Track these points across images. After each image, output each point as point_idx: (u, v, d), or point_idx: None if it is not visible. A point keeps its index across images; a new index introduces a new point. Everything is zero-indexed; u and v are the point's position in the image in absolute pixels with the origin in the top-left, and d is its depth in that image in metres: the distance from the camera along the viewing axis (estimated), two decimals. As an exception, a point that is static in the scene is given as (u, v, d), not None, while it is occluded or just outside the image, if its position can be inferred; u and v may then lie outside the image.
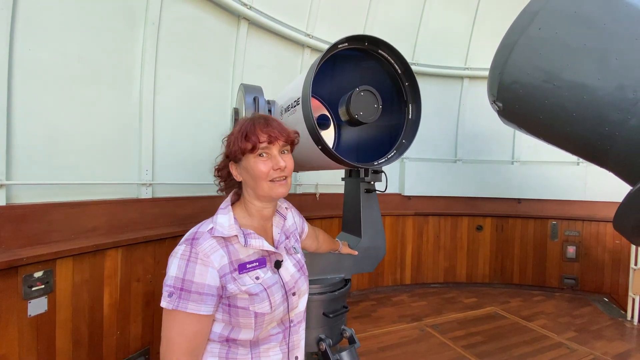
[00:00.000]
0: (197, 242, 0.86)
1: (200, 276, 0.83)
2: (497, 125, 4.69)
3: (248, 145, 0.91)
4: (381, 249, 1.80)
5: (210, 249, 0.86)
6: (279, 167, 0.91)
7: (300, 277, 1.04)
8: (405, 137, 1.54)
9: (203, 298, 0.83)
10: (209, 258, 0.84)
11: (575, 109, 1.72)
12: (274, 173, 0.92)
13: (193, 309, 0.82)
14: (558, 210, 4.82)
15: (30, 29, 2.07)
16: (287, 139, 0.95)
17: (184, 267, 0.83)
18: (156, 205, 2.82)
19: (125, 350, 2.42)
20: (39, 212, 2.09)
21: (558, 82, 1.76)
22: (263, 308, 0.89)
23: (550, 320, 3.78)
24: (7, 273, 1.76)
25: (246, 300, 0.87)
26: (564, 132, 1.87)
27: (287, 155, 0.97)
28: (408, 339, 3.26)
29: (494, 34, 4.23)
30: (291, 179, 0.98)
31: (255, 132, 0.92)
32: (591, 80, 1.64)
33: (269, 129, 0.92)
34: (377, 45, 1.43)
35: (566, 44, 1.75)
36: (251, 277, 0.90)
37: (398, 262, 4.73)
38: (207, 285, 0.83)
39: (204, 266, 0.83)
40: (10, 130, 1.99)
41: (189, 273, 0.82)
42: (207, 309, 0.84)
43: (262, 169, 0.91)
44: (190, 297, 0.82)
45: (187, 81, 3.10)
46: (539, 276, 4.76)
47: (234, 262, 0.88)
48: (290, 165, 0.96)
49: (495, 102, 2.14)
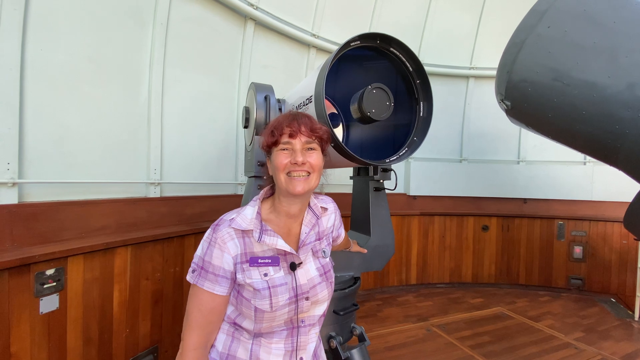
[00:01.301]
0: (218, 229, 0.93)
1: (217, 259, 0.90)
2: (502, 124, 4.72)
3: (272, 139, 0.94)
4: (390, 247, 1.80)
5: (227, 237, 0.91)
6: (296, 161, 0.91)
7: (320, 283, 1.01)
8: (416, 135, 1.54)
9: (218, 279, 0.90)
10: (225, 244, 0.91)
11: (585, 107, 1.71)
12: (292, 167, 0.92)
13: (209, 287, 0.90)
14: (564, 210, 4.79)
15: (42, 31, 2.10)
16: (310, 134, 0.94)
17: (205, 248, 0.92)
18: (164, 205, 2.84)
19: (134, 348, 2.43)
20: (50, 210, 2.11)
21: (567, 80, 1.75)
22: (263, 305, 0.90)
23: (557, 320, 3.76)
24: (20, 270, 1.78)
25: (250, 293, 0.91)
26: (573, 130, 1.86)
27: (313, 153, 0.95)
28: (415, 339, 3.26)
29: (500, 33, 4.25)
30: (317, 178, 0.95)
31: (280, 127, 0.94)
32: (601, 79, 1.63)
33: (292, 124, 0.94)
34: (389, 43, 1.43)
35: (575, 42, 1.75)
36: (260, 272, 0.92)
37: (403, 262, 4.72)
38: (222, 268, 0.90)
39: (221, 251, 0.90)
40: (22, 129, 2.02)
41: (207, 255, 0.91)
42: (220, 289, 0.91)
43: (281, 160, 0.92)
44: (207, 277, 0.90)
45: (194, 81, 3.12)
46: (546, 276, 4.73)
47: (247, 253, 0.92)
48: (314, 162, 0.94)
49: (503, 101, 2.14)
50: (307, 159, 0.93)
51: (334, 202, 1.17)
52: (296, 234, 1.02)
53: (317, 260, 1.04)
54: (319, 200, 1.11)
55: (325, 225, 1.10)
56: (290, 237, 1.00)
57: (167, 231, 2.65)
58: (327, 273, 1.05)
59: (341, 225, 1.24)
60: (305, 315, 0.98)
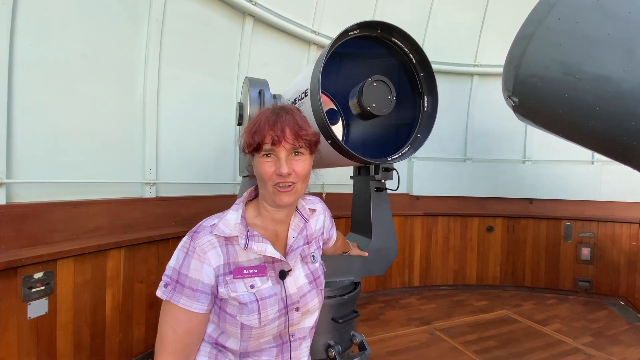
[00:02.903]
0: (197, 236, 0.82)
1: (195, 272, 0.79)
2: (508, 123, 4.62)
3: (253, 143, 0.83)
4: (392, 251, 1.72)
5: (208, 246, 0.81)
6: (281, 172, 0.80)
7: (309, 292, 0.93)
8: (420, 132, 1.45)
9: (196, 295, 0.79)
10: (205, 254, 0.80)
11: (598, 103, 1.63)
12: (277, 178, 0.82)
13: (185, 304, 0.79)
14: (572, 211, 4.68)
15: (32, 25, 2.03)
16: (295, 140, 0.82)
17: (181, 259, 0.80)
18: (160, 205, 2.77)
19: (128, 353, 2.36)
20: (40, 211, 2.04)
21: (579, 74, 1.66)
22: (251, 321, 0.81)
23: (564, 324, 3.65)
24: (6, 274, 1.72)
25: (235, 308, 0.81)
26: (585, 127, 1.77)
27: (299, 159, 0.84)
28: (417, 343, 3.16)
29: (505, 29, 4.14)
30: (303, 186, 0.87)
31: (262, 131, 0.82)
32: (616, 72, 1.55)
33: (275, 129, 0.81)
34: (390, 33, 1.35)
35: (588, 34, 1.66)
36: (246, 284, 0.82)
37: (406, 264, 4.62)
38: (202, 282, 0.79)
39: (200, 262, 0.79)
40: (10, 128, 1.95)
41: (184, 266, 0.80)
42: (199, 306, 0.80)
43: (266, 170, 0.82)
44: (184, 292, 0.79)
45: (191, 79, 3.05)
46: (552, 279, 4.62)
47: (230, 264, 0.82)
48: (301, 171, 0.84)
49: (510, 98, 2.05)
50: (293, 167, 0.83)
51: (322, 202, 1.09)
52: (284, 239, 0.93)
53: (306, 266, 0.95)
54: (307, 202, 1.02)
55: (314, 227, 1.02)
56: (278, 242, 0.91)
57: (162, 232, 2.58)
58: (317, 280, 0.96)
59: (332, 227, 1.16)
60: (295, 328, 0.90)
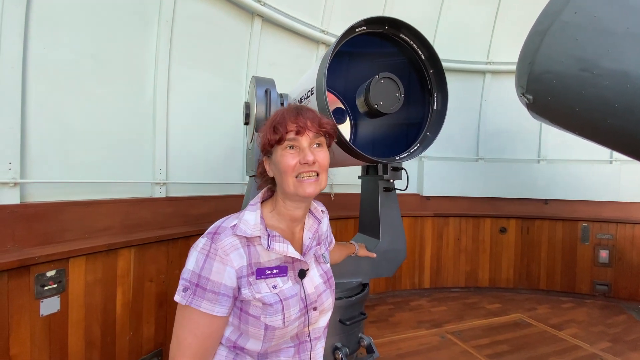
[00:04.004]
0: (218, 238, 0.80)
1: (217, 274, 0.77)
2: (521, 121, 4.52)
3: (275, 136, 0.84)
4: (401, 252, 1.68)
5: (230, 247, 0.80)
6: (306, 160, 0.82)
7: (325, 291, 0.95)
8: (429, 130, 1.41)
9: (218, 298, 0.77)
10: (228, 256, 0.79)
11: (617, 100, 1.56)
12: (301, 167, 0.83)
13: (207, 308, 0.77)
14: (589, 212, 4.54)
15: (44, 28, 2.06)
16: (319, 129, 0.86)
17: (202, 262, 0.78)
18: (169, 205, 2.79)
19: (138, 351, 2.39)
20: (52, 211, 2.08)
21: (597, 70, 1.60)
22: (275, 322, 0.81)
23: (581, 329, 3.54)
24: (19, 272, 1.75)
25: (259, 309, 0.81)
26: (604, 125, 1.70)
27: (320, 150, 0.87)
28: (428, 346, 3.11)
29: (519, 25, 4.04)
30: (326, 177, 0.88)
31: (284, 122, 0.84)
32: (635, 67, 1.49)
33: (298, 119, 0.84)
34: (398, 29, 1.32)
35: (606, 28, 1.59)
36: (268, 284, 0.82)
37: (416, 265, 4.56)
38: (224, 285, 0.78)
39: (222, 264, 0.78)
40: (24, 128, 1.99)
41: (206, 269, 0.77)
42: (221, 310, 0.78)
43: (289, 162, 0.83)
44: (205, 296, 0.77)
45: (200, 80, 3.07)
46: (569, 282, 4.49)
47: (252, 264, 0.81)
48: (323, 161, 0.86)
49: (524, 95, 1.99)
50: (316, 156, 0.85)
51: (322, 204, 1.11)
52: (299, 239, 0.95)
53: (319, 266, 0.97)
54: (317, 203, 1.05)
55: (323, 229, 1.05)
56: (295, 242, 0.91)
57: (172, 232, 2.60)
58: (330, 280, 0.99)
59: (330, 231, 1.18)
60: (312, 328, 0.91)
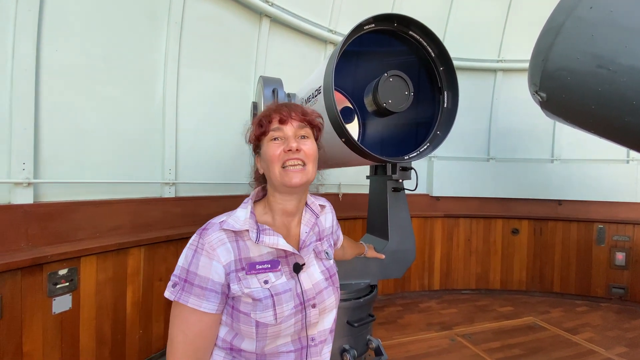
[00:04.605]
0: (206, 233, 0.80)
1: (204, 269, 0.77)
2: (534, 120, 4.42)
3: (261, 129, 0.87)
4: (410, 253, 1.65)
5: (217, 242, 0.79)
6: (290, 147, 0.82)
7: (326, 288, 0.91)
8: (439, 129, 1.38)
9: (205, 294, 0.77)
10: (214, 251, 0.78)
11: (635, 97, 1.50)
12: (286, 155, 0.83)
13: (194, 303, 0.76)
14: (605, 213, 4.41)
15: (57, 31, 2.11)
16: (302, 118, 0.87)
17: (190, 257, 0.78)
18: (179, 205, 2.82)
19: (147, 349, 2.41)
20: (65, 210, 2.11)
21: (614, 67, 1.54)
22: (265, 318, 0.78)
23: (597, 333, 3.44)
24: (32, 270, 1.78)
25: (249, 305, 0.78)
26: (621, 123, 1.64)
27: (307, 140, 0.87)
28: (438, 349, 3.06)
29: (531, 22, 3.95)
30: (313, 168, 0.87)
31: (268, 115, 0.87)
32: (655, 64, 1.42)
33: (281, 109, 0.86)
34: (407, 26, 1.29)
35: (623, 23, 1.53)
36: (259, 279, 0.80)
37: (426, 267, 4.50)
38: (211, 280, 0.77)
39: (209, 259, 0.77)
40: (37, 130, 2.03)
41: (193, 264, 0.78)
42: (209, 306, 0.77)
43: (274, 151, 0.84)
44: (193, 291, 0.77)
45: (209, 80, 3.08)
46: (583, 285, 4.37)
47: (242, 259, 0.80)
48: (308, 151, 0.85)
49: (537, 93, 1.94)
50: (301, 146, 0.84)
51: (328, 201, 1.10)
52: (296, 235, 0.92)
53: (321, 262, 0.94)
54: (316, 198, 1.04)
55: (324, 225, 1.02)
56: (290, 238, 0.90)
57: (181, 232, 2.62)
58: (333, 277, 0.95)
59: (338, 228, 1.15)
60: (315, 331, 0.88)
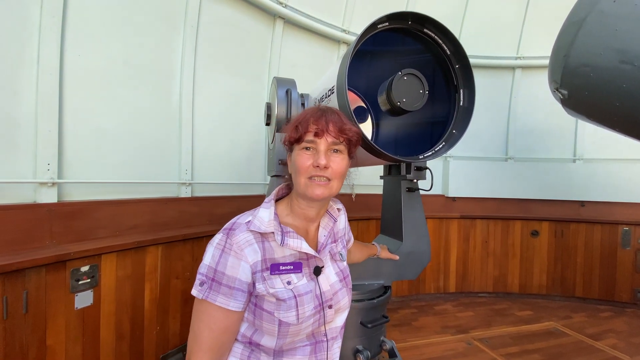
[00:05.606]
0: (233, 233, 0.81)
1: (232, 269, 0.79)
2: (555, 119, 4.29)
3: (295, 135, 0.85)
4: (425, 254, 1.63)
5: (245, 243, 0.81)
6: (318, 164, 0.81)
7: (341, 289, 0.94)
8: (455, 127, 1.36)
9: (233, 292, 0.79)
10: (242, 251, 0.80)
11: (663, 93, 1.44)
12: (313, 170, 0.83)
13: (222, 302, 0.78)
14: (630, 215, 4.22)
15: (79, 37, 2.18)
16: (338, 135, 0.84)
17: (217, 257, 0.80)
18: (195, 204, 2.87)
19: (164, 345, 2.47)
20: (87, 209, 2.19)
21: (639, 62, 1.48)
22: (289, 318, 0.80)
23: (621, 340, 3.30)
24: (56, 267, 1.85)
25: (272, 305, 0.81)
26: (647, 121, 1.57)
27: (338, 156, 0.86)
28: (453, 352, 3.01)
29: (551, 17, 3.84)
30: (338, 184, 0.87)
31: (306, 122, 0.85)
32: (682, 59, 1.36)
33: (319, 121, 0.84)
34: (422, 24, 1.28)
35: (648, 17, 1.47)
36: (282, 280, 0.83)
37: (441, 269, 4.43)
38: (239, 279, 0.79)
39: (237, 259, 0.79)
40: (61, 132, 2.11)
41: (221, 264, 0.79)
42: (235, 304, 0.79)
43: (303, 162, 0.83)
44: (220, 290, 0.78)
45: (224, 82, 3.13)
46: (607, 289, 4.20)
47: (267, 260, 0.82)
48: (337, 168, 0.84)
49: (558, 90, 1.87)
50: (330, 163, 0.84)
51: (340, 201, 1.10)
52: (314, 237, 0.94)
53: (336, 264, 0.96)
54: (334, 202, 1.04)
55: (339, 226, 1.03)
56: (309, 240, 0.91)
57: (197, 231, 2.68)
58: (347, 278, 0.98)
59: (349, 228, 1.15)
60: (328, 327, 0.91)
